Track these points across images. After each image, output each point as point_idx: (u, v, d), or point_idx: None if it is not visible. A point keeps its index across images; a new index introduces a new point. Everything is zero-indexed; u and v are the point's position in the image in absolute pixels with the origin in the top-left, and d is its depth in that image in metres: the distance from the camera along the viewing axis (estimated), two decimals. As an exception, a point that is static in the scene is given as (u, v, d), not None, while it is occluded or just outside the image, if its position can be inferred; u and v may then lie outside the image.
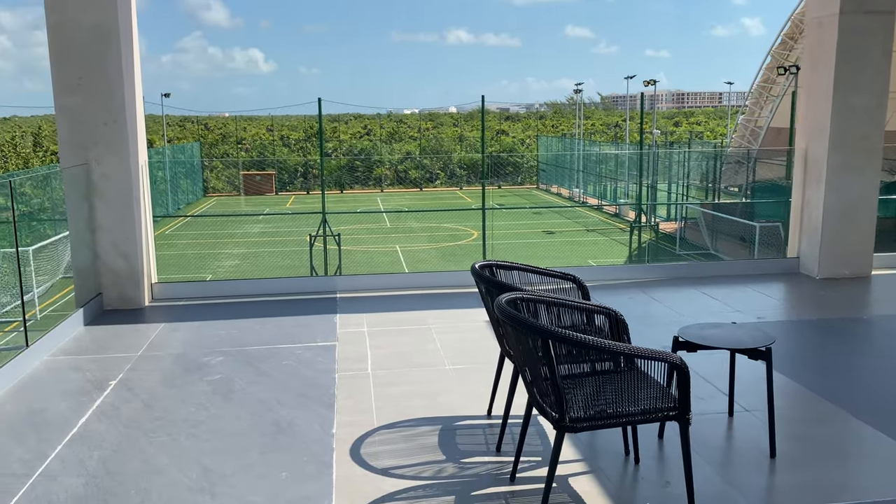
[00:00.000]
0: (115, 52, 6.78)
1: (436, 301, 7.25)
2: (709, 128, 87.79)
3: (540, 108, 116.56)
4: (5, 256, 22.92)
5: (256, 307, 7.13)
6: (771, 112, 36.53)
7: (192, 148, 52.03)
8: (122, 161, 6.93)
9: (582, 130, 53.56)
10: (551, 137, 61.71)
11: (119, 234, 7.01)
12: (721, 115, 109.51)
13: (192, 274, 26.94)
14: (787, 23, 33.07)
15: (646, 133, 78.82)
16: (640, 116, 17.68)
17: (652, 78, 42.20)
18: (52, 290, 22.09)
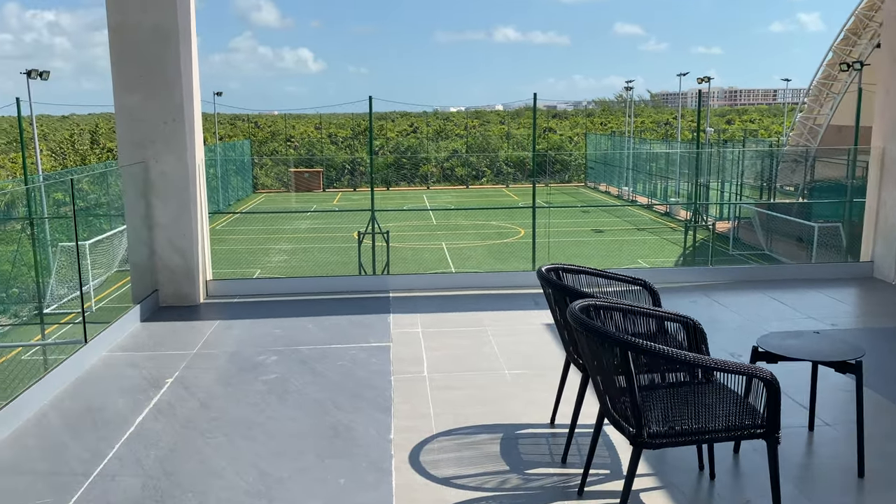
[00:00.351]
0: (174, 53, 6.80)
1: (490, 302, 7.10)
2: (763, 125, 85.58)
3: (588, 105, 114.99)
4: (63, 250, 23.62)
5: (309, 305, 7.07)
6: (831, 109, 35.32)
7: (243, 146, 52.87)
8: (180, 159, 6.95)
9: (632, 128, 52.71)
10: (600, 135, 60.90)
11: (175, 231, 7.04)
12: (775, 113, 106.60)
13: (243, 269, 27.32)
14: (851, 18, 31.89)
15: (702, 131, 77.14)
16: (696, 114, 17.19)
17: (705, 75, 41.18)
18: (107, 284, 22.66)
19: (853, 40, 32.65)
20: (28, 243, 22.81)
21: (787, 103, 74.91)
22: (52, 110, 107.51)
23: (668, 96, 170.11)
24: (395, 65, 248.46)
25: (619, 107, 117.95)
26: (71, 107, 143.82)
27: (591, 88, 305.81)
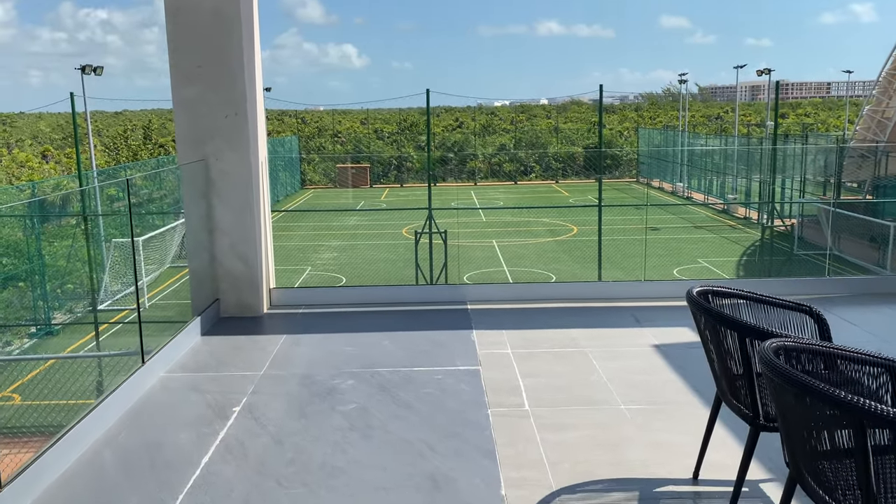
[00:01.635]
0: (237, 40, 6.21)
1: (582, 317, 6.35)
2: (819, 119, 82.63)
3: (635, 99, 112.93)
4: (117, 246, 23.61)
5: (381, 318, 6.43)
6: (902, 102, 33.46)
7: (291, 141, 52.91)
8: (243, 157, 6.36)
9: (687, 122, 51.15)
10: (652, 130, 59.33)
11: (238, 235, 6.46)
12: (830, 107, 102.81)
13: (293, 266, 27.01)
14: (926, 3, 30.11)
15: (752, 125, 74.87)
16: (775, 108, 16.10)
17: (765, 67, 39.54)
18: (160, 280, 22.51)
19: (929, 28, 30.83)
20: (82, 239, 22.85)
21: (847, 96, 72.04)
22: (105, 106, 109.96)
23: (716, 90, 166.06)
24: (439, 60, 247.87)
25: (666, 100, 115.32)
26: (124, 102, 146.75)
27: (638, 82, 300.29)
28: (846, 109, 61.76)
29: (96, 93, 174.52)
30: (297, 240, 32.51)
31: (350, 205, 44.72)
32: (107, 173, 31.81)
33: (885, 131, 34.50)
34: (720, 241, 31.72)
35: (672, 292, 6.79)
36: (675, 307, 6.41)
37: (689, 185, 45.65)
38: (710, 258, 27.67)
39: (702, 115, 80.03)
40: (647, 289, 6.77)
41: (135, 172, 32.37)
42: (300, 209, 42.66)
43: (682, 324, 5.97)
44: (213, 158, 6.34)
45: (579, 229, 34.61)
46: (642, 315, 6.27)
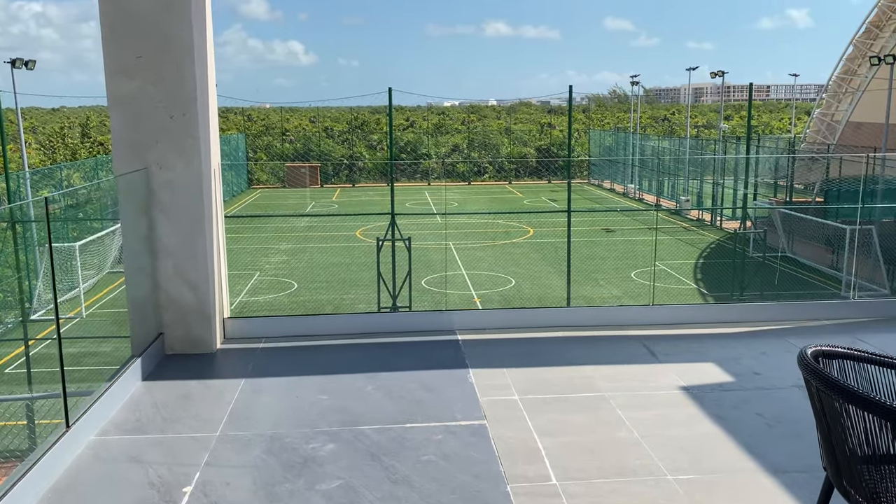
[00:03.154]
0: (185, 26, 5.20)
1: (590, 348, 5.55)
2: (762, 121, 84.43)
3: (582, 101, 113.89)
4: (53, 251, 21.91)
5: (358, 354, 5.50)
6: (850, 105, 33.99)
7: (237, 140, 51.17)
8: (192, 165, 5.35)
9: (638, 123, 51.30)
10: (603, 132, 59.53)
11: (185, 257, 5.44)
12: (771, 109, 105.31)
13: (240, 270, 25.66)
14: (874, 10, 30.50)
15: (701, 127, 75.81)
16: (748, 110, 15.69)
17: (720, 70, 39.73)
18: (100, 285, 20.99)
19: (875, 33, 31.29)
20: (11, 244, 21.20)
21: (792, 99, 73.72)
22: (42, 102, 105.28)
23: (661, 92, 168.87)
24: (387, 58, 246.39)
25: (612, 102, 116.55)
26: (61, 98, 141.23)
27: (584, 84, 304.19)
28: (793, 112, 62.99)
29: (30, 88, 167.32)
30: (244, 243, 31.08)
31: (300, 205, 43.34)
32: (41, 173, 29.83)
33: (834, 134, 34.97)
34: (675, 242, 31.60)
35: (682, 318, 6.06)
36: (689, 336, 5.68)
37: (640, 187, 45.78)
38: (666, 260, 27.41)
39: (648, 116, 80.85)
40: (655, 314, 6.02)
41: (72, 172, 30.48)
42: (245, 214, 41.09)
43: (705, 358, 5.23)
44: (157, 167, 5.31)
45: (535, 231, 34.08)
46: (656, 346, 5.51)
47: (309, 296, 22.64)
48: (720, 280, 23.85)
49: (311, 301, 22.06)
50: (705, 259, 28.14)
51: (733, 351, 5.38)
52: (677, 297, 21.77)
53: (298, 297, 22.57)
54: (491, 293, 22.44)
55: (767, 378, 4.86)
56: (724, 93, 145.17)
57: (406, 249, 14.25)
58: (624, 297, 22.04)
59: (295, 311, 20.79)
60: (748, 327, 5.93)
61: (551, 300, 21.37)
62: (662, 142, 46.25)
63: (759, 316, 6.11)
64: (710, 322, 5.99)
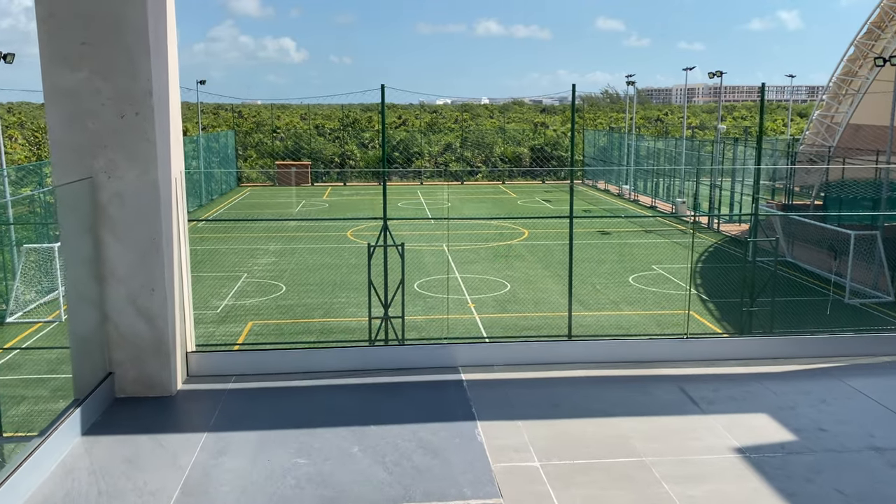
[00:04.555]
0: (139, 7, 4.33)
1: (618, 391, 4.71)
2: (755, 123, 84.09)
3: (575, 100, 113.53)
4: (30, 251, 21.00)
5: (345, 397, 4.64)
6: (851, 107, 33.34)
7: (227, 136, 50.18)
8: (147, 173, 4.47)
9: (634, 124, 50.60)
10: (597, 132, 58.93)
11: (139, 283, 4.56)
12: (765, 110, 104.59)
13: (227, 272, 24.72)
14: (876, 10, 29.84)
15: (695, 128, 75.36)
16: (760, 112, 14.91)
17: (717, 69, 39.03)
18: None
19: (877, 34, 30.64)
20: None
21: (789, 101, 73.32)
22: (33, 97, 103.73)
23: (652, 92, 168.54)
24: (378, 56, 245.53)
25: (605, 103, 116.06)
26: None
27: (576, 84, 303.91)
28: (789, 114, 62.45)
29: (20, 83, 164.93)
30: (231, 243, 30.14)
31: (290, 204, 42.39)
32: (26, 169, 28.79)
33: (834, 136, 34.34)
34: (672, 246, 30.90)
35: (718, 352, 5.23)
36: (730, 377, 4.85)
37: (634, 188, 45.16)
38: (664, 264, 26.70)
39: (641, 117, 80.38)
40: (688, 349, 5.19)
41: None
42: (232, 213, 40.15)
43: (755, 406, 4.40)
44: (105, 175, 4.43)
45: (530, 233, 33.30)
46: (695, 390, 4.68)
47: (297, 299, 21.74)
48: (721, 286, 23.11)
49: (300, 305, 21.16)
50: (704, 264, 27.42)
51: (786, 397, 4.56)
52: (676, 302, 21.01)
53: (287, 300, 21.67)
54: (486, 297, 21.61)
55: (836, 436, 4.05)
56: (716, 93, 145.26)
57: (399, 256, 13.40)
58: (622, 302, 21.26)
59: (284, 315, 19.91)
60: (795, 364, 5.11)
61: (547, 305, 20.58)
62: (657, 142, 45.57)
63: (806, 350, 5.29)
64: (751, 358, 5.17)
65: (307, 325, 19.39)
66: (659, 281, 24.07)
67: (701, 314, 20.28)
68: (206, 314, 20.09)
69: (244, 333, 18.62)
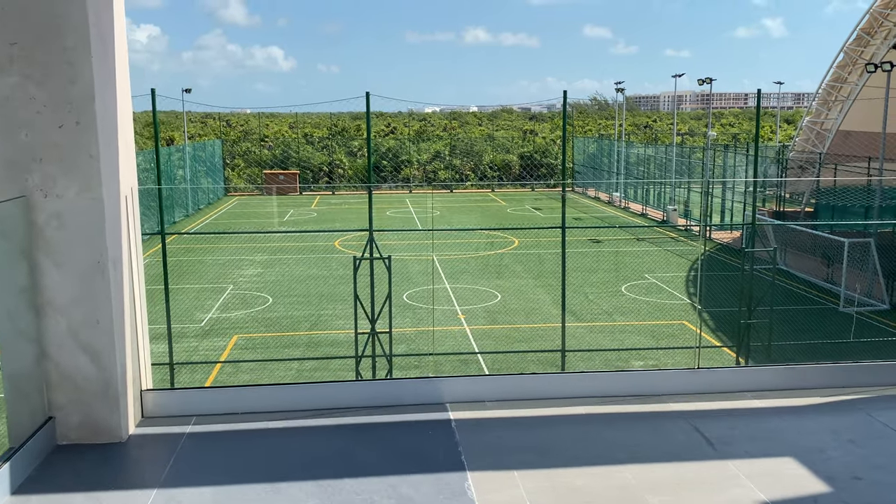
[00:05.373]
0: (77, 4, 3.81)
1: (624, 433, 4.20)
2: (742, 129, 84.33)
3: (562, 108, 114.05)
4: None
5: (317, 442, 4.11)
6: (840, 114, 33.20)
7: (214, 145, 49.59)
8: (90, 190, 3.94)
9: (624, 130, 50.33)
10: (587, 139, 58.76)
11: (83, 314, 4.02)
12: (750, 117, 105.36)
13: (212, 284, 24.13)
14: (865, 16, 29.71)
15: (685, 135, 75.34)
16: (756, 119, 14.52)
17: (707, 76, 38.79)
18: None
19: (866, 40, 30.52)
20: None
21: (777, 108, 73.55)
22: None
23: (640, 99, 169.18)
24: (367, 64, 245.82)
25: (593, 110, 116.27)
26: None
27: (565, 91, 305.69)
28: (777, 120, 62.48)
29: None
30: (217, 254, 29.54)
31: (278, 213, 41.83)
32: None
33: (824, 143, 34.16)
34: (664, 254, 30.52)
35: (729, 384, 4.73)
36: (746, 412, 4.36)
37: (625, 195, 44.91)
38: (656, 273, 26.32)
39: (630, 123, 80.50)
40: (697, 381, 4.69)
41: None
42: (220, 222, 39.56)
43: (778, 448, 3.91)
44: (41, 193, 3.90)
45: (520, 241, 32.87)
46: (709, 428, 4.18)
47: (284, 311, 21.18)
48: (715, 295, 22.72)
49: (286, 317, 20.60)
50: (697, 272, 27.04)
51: (811, 437, 4.07)
52: (671, 312, 20.58)
53: (273, 312, 21.10)
54: (476, 308, 21.12)
55: (874, 485, 3.57)
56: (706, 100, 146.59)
57: (386, 269, 12.87)
58: (615, 312, 20.82)
59: (270, 327, 19.33)
60: (815, 396, 4.62)
61: (539, 315, 20.10)
62: (647, 149, 45.32)
63: (824, 380, 4.81)
64: (767, 389, 4.68)
65: (293, 338, 18.83)
66: (652, 290, 23.65)
67: (695, 324, 19.85)
68: (189, 328, 19.49)
69: (228, 348, 18.03)
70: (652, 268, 26.84)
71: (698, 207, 37.61)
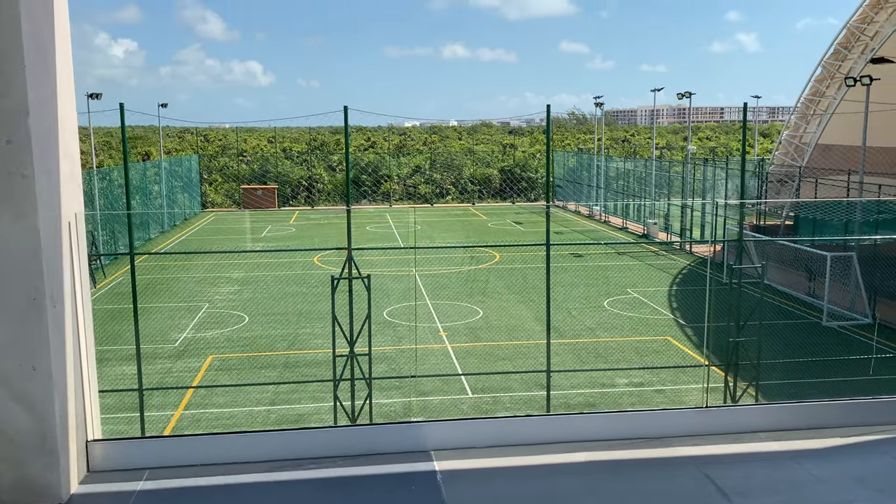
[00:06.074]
0: (7, 7, 3.34)
1: (631, 486, 3.76)
2: (720, 143, 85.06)
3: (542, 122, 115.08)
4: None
5: (283, 500, 3.63)
6: (819, 127, 33.36)
7: (190, 161, 48.89)
8: (23, 217, 3.45)
9: (603, 144, 50.34)
10: (567, 153, 58.82)
11: (15, 360, 3.52)
12: (726, 130, 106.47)
13: (187, 302, 23.49)
14: (842, 31, 29.89)
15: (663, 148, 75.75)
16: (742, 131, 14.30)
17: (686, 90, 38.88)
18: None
19: (843, 55, 30.73)
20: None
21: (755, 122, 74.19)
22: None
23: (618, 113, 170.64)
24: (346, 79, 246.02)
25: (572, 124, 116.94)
26: None
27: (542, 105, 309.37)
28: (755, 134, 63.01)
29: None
30: (192, 271, 28.85)
31: (255, 229, 41.16)
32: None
33: (803, 156, 34.28)
34: (645, 268, 30.37)
35: (742, 423, 4.33)
36: (762, 456, 3.94)
37: (605, 209, 44.89)
38: (639, 287, 26.11)
39: (608, 138, 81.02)
40: (707, 422, 4.27)
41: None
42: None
43: (802, 499, 3.49)
44: (-34, 221, 3.42)
45: (501, 256, 32.56)
46: (723, 477, 3.76)
47: (260, 330, 20.61)
48: (698, 311, 22.49)
49: (263, 336, 20.03)
50: (679, 286, 26.85)
51: (835, 487, 3.67)
52: (654, 328, 20.27)
53: (249, 332, 20.52)
54: (458, 325, 20.69)
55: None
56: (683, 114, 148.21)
57: (365, 289, 12.39)
58: (598, 328, 20.50)
59: (246, 347, 18.74)
60: (834, 438, 4.23)
61: (522, 332, 19.71)
62: (626, 163, 45.35)
63: (842, 418, 4.42)
64: (782, 429, 4.28)
65: (270, 358, 18.28)
66: (635, 305, 23.39)
67: (679, 340, 19.57)
68: (163, 348, 18.87)
69: (203, 369, 17.44)
70: (634, 282, 26.63)
71: (678, 221, 37.55)
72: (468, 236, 38.43)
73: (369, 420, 12.54)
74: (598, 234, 38.88)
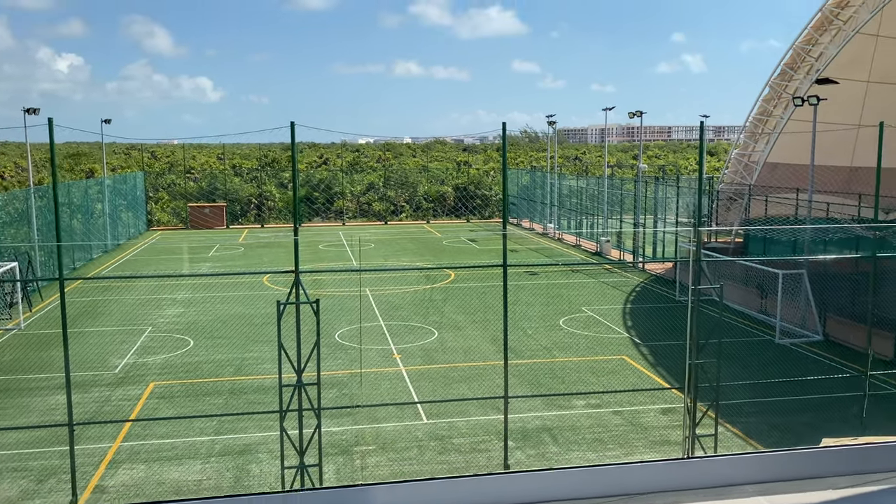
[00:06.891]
0: None
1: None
2: (669, 161, 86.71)
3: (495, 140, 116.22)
4: None
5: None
6: (767, 146, 33.99)
7: (135, 178, 47.36)
8: None
9: (556, 162, 50.56)
10: (520, 171, 59.02)
11: None
12: (674, 149, 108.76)
13: (130, 326, 22.39)
14: (789, 52, 30.53)
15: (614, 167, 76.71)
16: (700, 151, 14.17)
17: (638, 110, 39.26)
18: None
19: (790, 75, 31.40)
20: None
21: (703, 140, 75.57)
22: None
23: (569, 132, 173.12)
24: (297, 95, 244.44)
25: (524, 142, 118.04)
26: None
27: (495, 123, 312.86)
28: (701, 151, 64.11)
29: None
30: (135, 292, 27.69)
31: (202, 248, 39.93)
32: None
33: (752, 174, 34.82)
34: (599, 286, 30.29)
35: (726, 476, 3.91)
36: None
37: (559, 227, 45.01)
38: (593, 305, 25.96)
39: (560, 156, 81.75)
40: (688, 475, 3.85)
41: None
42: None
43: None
44: None
45: (456, 275, 32.14)
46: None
47: (206, 355, 19.69)
48: (652, 329, 22.39)
49: (209, 361, 19.13)
50: (633, 304, 26.78)
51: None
52: (610, 347, 20.04)
53: (194, 356, 19.59)
54: (412, 347, 20.11)
55: None
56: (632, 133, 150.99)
57: (313, 314, 11.76)
58: (555, 348, 20.17)
59: (190, 373, 17.84)
60: (826, 490, 3.84)
61: (477, 354, 19.27)
62: (579, 181, 45.54)
63: (827, 467, 4.04)
64: (766, 480, 3.87)
65: (216, 384, 17.43)
66: (590, 324, 23.17)
67: (634, 359, 19.36)
68: (102, 375, 17.87)
69: (144, 396, 16.50)
70: (589, 300, 26.46)
71: (631, 239, 37.76)
72: (423, 254, 37.97)
73: (318, 450, 11.89)
74: (552, 252, 38.82)
